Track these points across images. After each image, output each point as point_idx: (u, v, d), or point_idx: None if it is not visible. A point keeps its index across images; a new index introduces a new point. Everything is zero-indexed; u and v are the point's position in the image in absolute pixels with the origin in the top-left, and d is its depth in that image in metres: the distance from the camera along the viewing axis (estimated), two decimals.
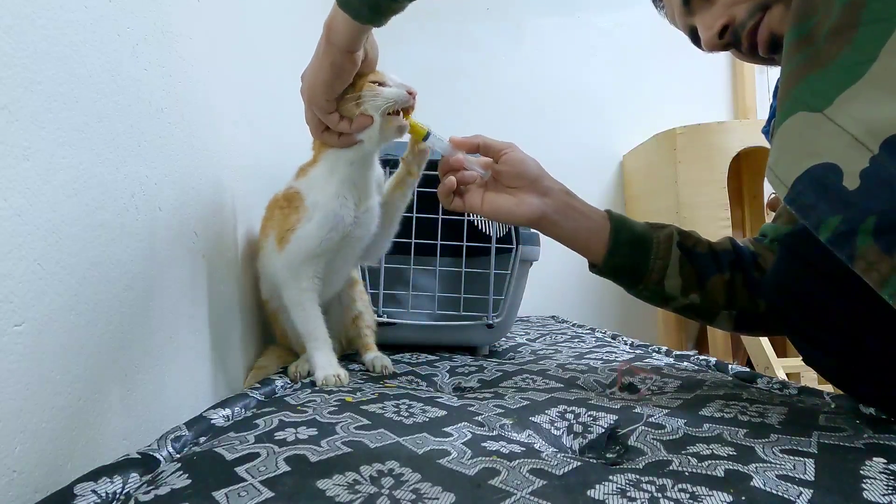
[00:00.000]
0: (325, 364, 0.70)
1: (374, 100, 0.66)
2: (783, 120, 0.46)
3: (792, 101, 0.46)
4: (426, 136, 0.69)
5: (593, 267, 0.73)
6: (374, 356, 0.84)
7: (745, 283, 0.70)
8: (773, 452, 0.42)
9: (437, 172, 0.71)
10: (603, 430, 0.51)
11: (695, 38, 0.71)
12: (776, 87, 0.70)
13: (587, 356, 0.95)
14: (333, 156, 0.71)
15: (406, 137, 0.72)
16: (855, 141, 0.41)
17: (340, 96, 0.67)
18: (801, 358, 0.61)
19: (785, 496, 0.34)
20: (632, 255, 0.70)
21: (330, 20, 0.62)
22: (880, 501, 0.33)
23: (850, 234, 0.41)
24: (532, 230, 1.08)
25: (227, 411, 0.54)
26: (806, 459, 0.40)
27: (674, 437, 0.47)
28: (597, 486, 0.35)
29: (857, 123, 0.41)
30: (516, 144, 0.72)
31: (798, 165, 0.44)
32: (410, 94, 0.68)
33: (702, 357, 0.89)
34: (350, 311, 0.87)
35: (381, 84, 0.67)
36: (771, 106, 0.71)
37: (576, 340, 1.20)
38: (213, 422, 0.52)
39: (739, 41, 0.65)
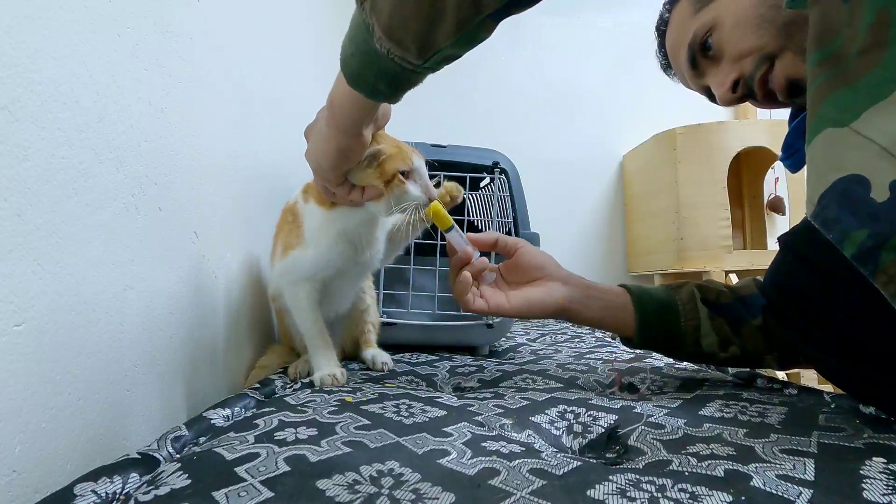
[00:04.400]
0: (323, 364, 0.70)
1: (401, 198, 0.64)
2: (811, 139, 0.45)
3: (818, 120, 0.45)
4: (449, 229, 0.68)
5: (627, 341, 0.73)
6: (374, 353, 0.84)
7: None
8: (773, 452, 0.42)
9: (436, 173, 0.71)
10: (603, 430, 0.51)
11: (710, 96, 0.72)
12: (790, 119, 0.71)
13: (587, 356, 0.95)
14: (338, 210, 0.69)
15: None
16: (883, 151, 0.39)
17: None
18: (802, 357, 0.61)
19: (785, 496, 0.34)
20: (662, 323, 0.70)
21: (335, 100, 0.56)
22: (880, 501, 0.33)
23: (877, 248, 0.39)
24: (533, 231, 1.08)
25: (227, 411, 0.54)
26: (806, 459, 0.40)
27: (674, 437, 0.47)
28: (597, 486, 0.35)
29: (886, 134, 0.40)
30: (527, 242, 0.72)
31: (824, 180, 0.43)
32: (431, 199, 0.66)
33: None
34: (360, 304, 0.87)
35: (407, 173, 0.65)
36: (785, 139, 0.71)
37: (576, 340, 1.20)
38: (213, 422, 0.52)
39: (753, 92, 0.66)
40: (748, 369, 0.75)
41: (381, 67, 0.50)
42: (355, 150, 0.60)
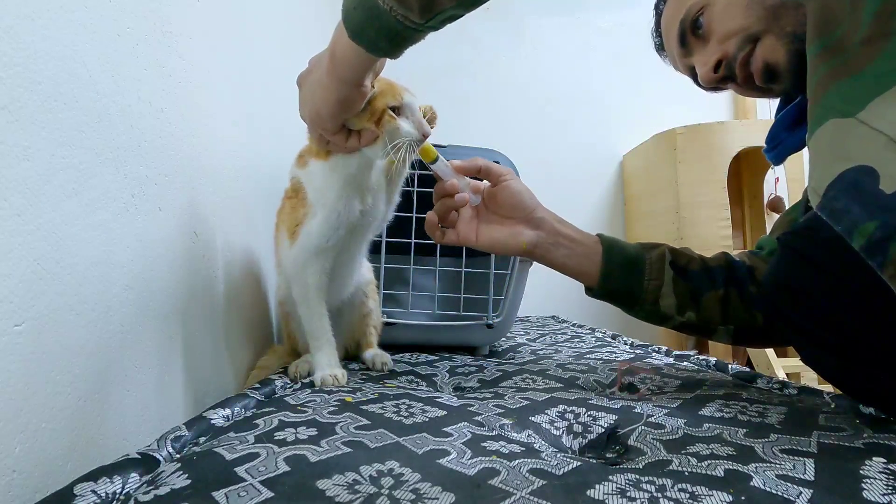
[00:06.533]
0: (324, 364, 0.70)
1: (392, 134, 0.64)
2: (814, 130, 0.45)
3: (822, 110, 0.44)
4: (435, 160, 0.68)
5: (589, 290, 0.74)
6: (374, 353, 0.84)
7: (740, 297, 0.71)
8: (773, 452, 0.42)
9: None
10: (603, 430, 0.51)
11: (695, 77, 0.73)
12: (777, 111, 0.72)
13: (587, 356, 0.95)
14: (337, 157, 0.69)
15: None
16: (891, 142, 0.39)
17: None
18: (800, 357, 0.61)
19: (785, 496, 0.34)
20: (625, 278, 0.71)
21: (337, 50, 0.55)
22: (880, 501, 0.33)
23: (886, 240, 0.39)
24: None
25: (227, 411, 0.54)
26: (806, 459, 0.40)
27: (674, 436, 0.47)
28: (596, 486, 0.35)
29: (894, 124, 0.39)
30: (514, 172, 0.73)
31: (831, 171, 0.42)
32: (425, 136, 0.66)
33: (702, 357, 0.89)
34: (363, 307, 0.87)
35: (397, 109, 0.65)
36: (770, 131, 0.72)
37: (576, 340, 1.20)
38: (212, 422, 0.51)
39: (734, 74, 0.66)
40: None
41: (383, 24, 0.49)
42: (356, 100, 0.60)
